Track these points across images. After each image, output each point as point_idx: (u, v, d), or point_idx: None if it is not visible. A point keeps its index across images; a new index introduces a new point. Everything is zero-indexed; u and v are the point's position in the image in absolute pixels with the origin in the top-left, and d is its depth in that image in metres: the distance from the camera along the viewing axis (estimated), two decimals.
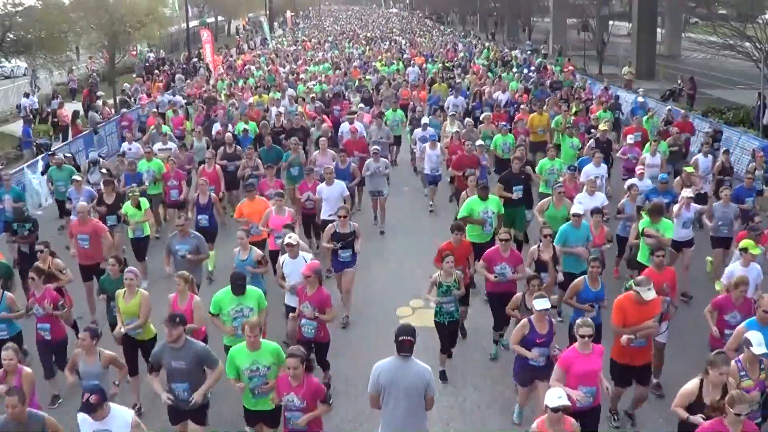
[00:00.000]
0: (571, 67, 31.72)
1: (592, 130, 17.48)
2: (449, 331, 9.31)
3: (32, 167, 17.20)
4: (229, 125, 18.60)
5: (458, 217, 11.33)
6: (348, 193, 12.89)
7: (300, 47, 47.35)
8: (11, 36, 24.92)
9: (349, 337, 10.55)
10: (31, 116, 23.44)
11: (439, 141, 16.71)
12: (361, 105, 20.93)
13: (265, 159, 14.84)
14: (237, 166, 15.19)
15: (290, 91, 24.50)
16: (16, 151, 21.74)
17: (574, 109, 19.39)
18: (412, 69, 30.95)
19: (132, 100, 26.60)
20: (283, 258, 9.56)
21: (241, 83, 28.41)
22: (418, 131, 17.36)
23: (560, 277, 9.96)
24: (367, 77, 28.65)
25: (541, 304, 7.63)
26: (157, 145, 16.33)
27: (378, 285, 12.26)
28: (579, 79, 30.05)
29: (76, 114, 23.12)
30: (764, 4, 25.91)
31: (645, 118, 18.37)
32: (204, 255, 10.66)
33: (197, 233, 10.91)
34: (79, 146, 20.13)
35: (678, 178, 13.28)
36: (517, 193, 12.52)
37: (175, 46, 47.36)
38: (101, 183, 13.70)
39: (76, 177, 13.78)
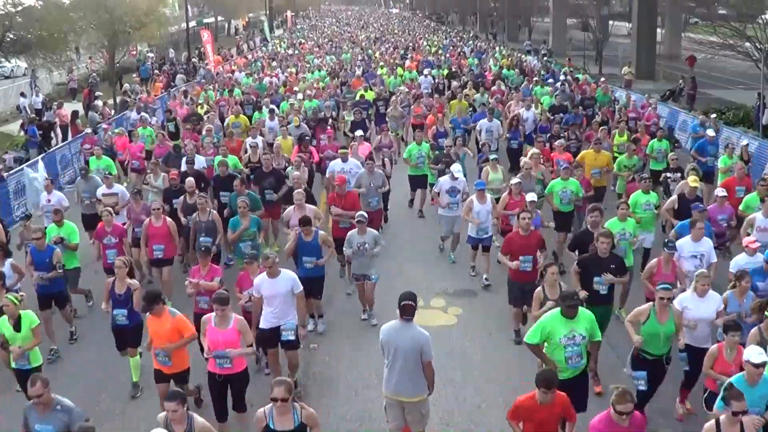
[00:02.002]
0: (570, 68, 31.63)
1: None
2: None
3: (33, 167, 17.18)
4: (203, 159, 14.54)
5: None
6: (300, 289, 8.67)
7: (297, 51, 43.41)
8: (11, 36, 24.91)
9: (349, 336, 10.57)
10: (34, 115, 23.48)
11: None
12: (359, 133, 15.85)
13: (235, 211, 11.48)
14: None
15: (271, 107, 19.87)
16: (17, 151, 21.73)
17: (617, 137, 16.15)
18: (424, 78, 26.86)
19: (132, 99, 26.59)
20: None
21: (226, 94, 23.80)
22: (444, 180, 12.85)
23: None
24: (368, 92, 22.95)
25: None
26: (100, 190, 12.86)
27: (378, 285, 12.23)
28: (616, 92, 25.07)
29: (75, 114, 23.12)
30: (764, 4, 25.88)
31: (725, 157, 14.25)
32: None
33: (67, 405, 6.48)
34: (79, 146, 20.12)
35: None
36: (602, 287, 8.86)
37: (175, 46, 47.31)
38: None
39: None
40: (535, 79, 25.46)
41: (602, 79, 26.08)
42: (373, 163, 13.14)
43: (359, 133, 15.94)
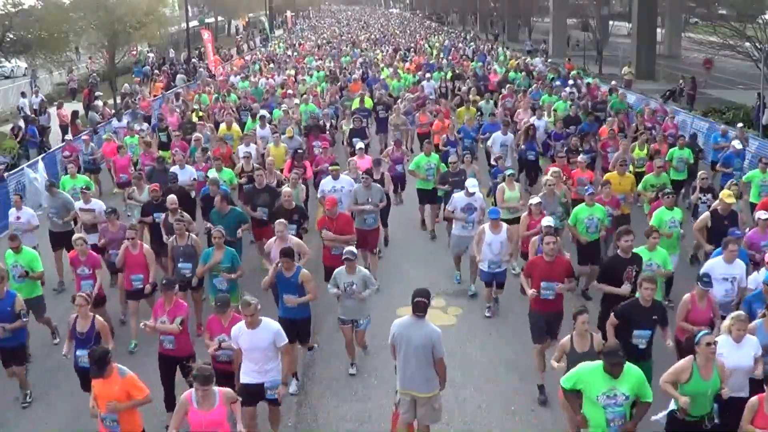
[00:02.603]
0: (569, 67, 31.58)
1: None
2: None
3: (33, 167, 17.20)
4: (193, 170, 13.77)
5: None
6: (285, 341, 7.57)
7: (296, 53, 42.08)
8: (11, 36, 24.90)
9: None
10: (35, 115, 23.46)
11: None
12: (360, 145, 14.60)
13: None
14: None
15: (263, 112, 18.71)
16: (19, 151, 21.75)
17: (637, 150, 14.92)
18: (427, 83, 25.14)
19: (132, 100, 26.59)
20: None
21: (219, 99, 22.49)
22: (459, 197, 11.67)
23: None
24: (366, 99, 21.22)
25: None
26: (78, 204, 12.13)
27: (378, 285, 12.24)
28: (632, 98, 24.31)
29: (75, 114, 23.12)
30: (764, 4, 25.92)
31: (757, 172, 13.04)
32: None
33: None
34: (79, 146, 20.13)
35: None
36: (641, 340, 7.65)
37: (175, 46, 47.32)
38: None
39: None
40: (540, 83, 24.24)
41: (613, 82, 24.80)
42: (370, 178, 11.98)
43: (360, 145, 14.65)
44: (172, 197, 11.24)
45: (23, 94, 26.58)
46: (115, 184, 16.68)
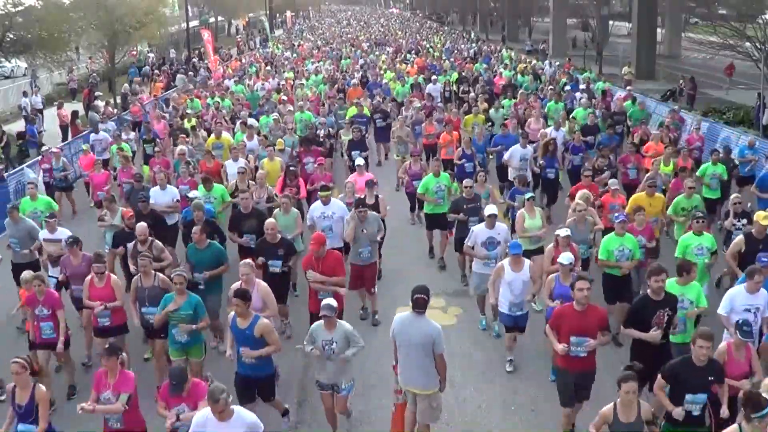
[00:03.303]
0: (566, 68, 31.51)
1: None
2: None
3: (33, 167, 17.20)
4: (174, 190, 12.43)
5: None
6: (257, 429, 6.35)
7: (295, 54, 40.80)
8: (11, 36, 24.93)
9: None
10: (35, 115, 23.46)
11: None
12: (359, 161, 13.39)
13: (196, 266, 9.48)
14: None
15: (251, 121, 17.33)
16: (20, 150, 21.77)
17: (662, 166, 13.42)
18: (434, 86, 23.98)
19: (132, 99, 26.60)
20: None
21: (211, 105, 21.00)
22: (480, 230, 10.14)
23: None
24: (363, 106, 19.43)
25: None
26: (42, 234, 10.55)
27: (378, 285, 12.22)
28: (652, 106, 22.68)
29: (75, 114, 23.14)
30: (764, 4, 25.90)
31: None
32: None
33: None
34: (79, 146, 20.15)
35: None
36: (695, 406, 6.62)
37: (176, 46, 47.34)
38: None
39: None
40: (549, 87, 22.80)
41: (628, 88, 23.54)
42: (365, 210, 10.45)
43: (359, 161, 13.36)
44: (141, 226, 9.87)
45: (25, 94, 26.60)
46: (92, 201, 14.68)
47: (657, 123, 17.98)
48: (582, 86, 23.52)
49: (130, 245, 10.01)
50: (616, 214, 10.24)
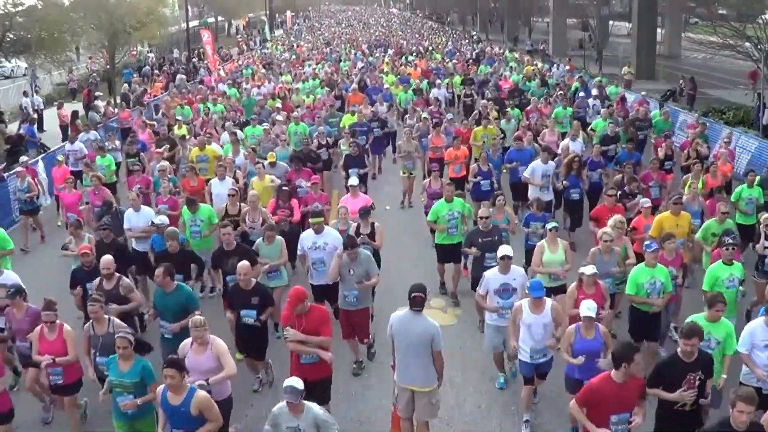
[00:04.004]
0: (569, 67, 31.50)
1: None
2: None
3: (33, 167, 17.18)
4: (150, 212, 11.23)
5: None
6: None
7: (294, 56, 39.18)
8: (11, 36, 24.96)
9: None
10: (35, 115, 23.48)
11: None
12: (353, 181, 11.82)
13: (162, 313, 8.27)
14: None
15: (225, 136, 15.66)
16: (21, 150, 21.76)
17: (690, 188, 11.60)
18: (438, 91, 22.44)
19: (132, 97, 26.64)
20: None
21: (201, 111, 19.76)
22: (493, 276, 8.56)
23: None
24: (355, 115, 17.57)
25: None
26: None
27: (378, 286, 12.21)
28: (678, 115, 21.04)
29: (75, 114, 23.14)
30: (764, 4, 25.92)
31: None
32: None
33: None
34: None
35: None
36: None
37: (177, 46, 47.37)
38: None
39: None
40: (559, 92, 20.88)
41: (642, 93, 22.19)
42: (355, 249, 8.88)
43: (353, 181, 11.79)
44: (106, 260, 8.61)
45: (25, 94, 26.61)
46: (61, 219, 13.34)
47: (698, 136, 15.37)
48: (594, 92, 21.74)
49: (94, 282, 8.70)
50: (648, 242, 8.91)
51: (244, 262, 8.42)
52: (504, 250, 8.53)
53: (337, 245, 9.48)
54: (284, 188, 11.66)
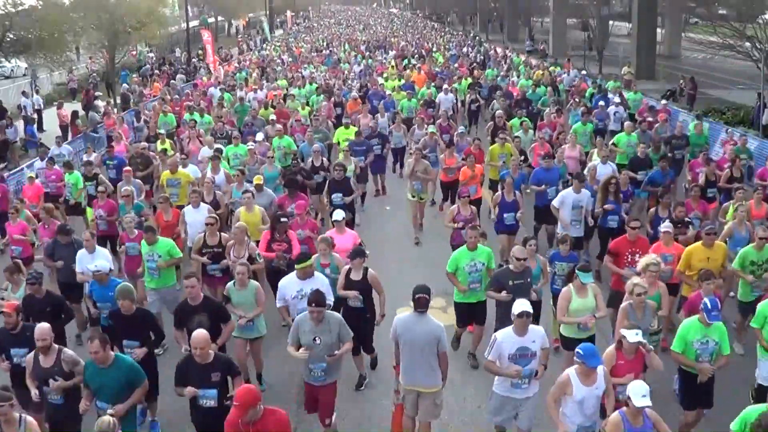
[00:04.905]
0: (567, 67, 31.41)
1: None
2: None
3: (33, 167, 17.20)
4: (106, 255, 9.40)
5: None
6: None
7: (292, 59, 37.90)
8: (11, 36, 24.97)
9: None
10: (35, 116, 23.48)
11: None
12: (338, 216, 9.91)
13: (98, 394, 6.72)
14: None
15: (205, 151, 14.08)
16: (21, 151, 21.79)
17: (731, 214, 10.73)
18: (445, 97, 20.31)
19: (132, 97, 26.63)
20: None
21: (187, 122, 17.34)
22: (507, 338, 7.00)
23: None
24: (348, 128, 15.80)
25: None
26: None
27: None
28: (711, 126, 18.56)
29: (75, 114, 23.15)
30: (764, 4, 25.93)
31: None
32: None
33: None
34: (79, 146, 20.16)
35: None
36: None
37: (176, 45, 47.38)
38: None
39: None
40: (581, 109, 17.37)
41: (662, 102, 20.10)
42: (321, 309, 7.12)
43: (338, 216, 9.85)
44: (41, 329, 6.78)
45: (24, 94, 26.61)
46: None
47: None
48: (616, 99, 19.36)
49: (21, 358, 7.11)
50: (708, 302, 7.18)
51: (200, 334, 6.63)
52: (521, 305, 6.88)
53: (328, 293, 7.79)
54: (282, 219, 9.89)
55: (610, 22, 43.35)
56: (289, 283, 8.25)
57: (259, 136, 14.94)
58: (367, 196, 15.68)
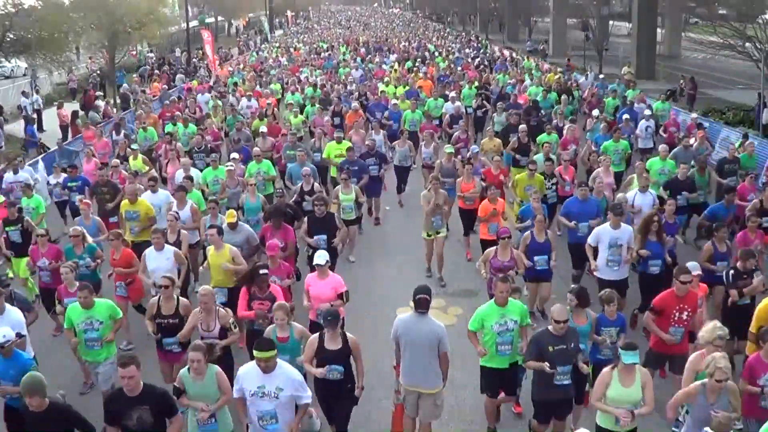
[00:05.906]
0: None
1: None
2: None
3: (33, 167, 17.18)
4: (16, 314, 7.39)
5: None
6: None
7: (290, 62, 36.39)
8: (11, 36, 24.98)
9: None
10: (34, 116, 23.49)
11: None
12: (321, 259, 8.26)
13: None
14: None
15: (180, 174, 11.96)
16: (20, 151, 21.78)
17: None
18: (451, 105, 18.23)
19: (132, 97, 26.63)
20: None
21: (170, 131, 15.88)
22: None
23: None
24: (341, 143, 14.14)
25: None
26: None
27: (379, 285, 12.22)
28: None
29: (75, 114, 23.15)
30: (764, 4, 25.92)
31: None
32: None
33: None
34: (79, 146, 20.16)
35: None
36: None
37: (176, 45, 47.40)
38: None
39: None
40: (602, 125, 15.12)
41: (693, 116, 17.91)
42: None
43: (320, 259, 8.14)
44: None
45: (24, 94, 26.61)
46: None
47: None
48: (646, 111, 17.09)
49: None
50: None
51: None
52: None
53: (299, 392, 6.34)
54: (262, 272, 7.92)
55: (610, 22, 43.35)
56: (249, 375, 6.25)
57: (234, 156, 13.23)
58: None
